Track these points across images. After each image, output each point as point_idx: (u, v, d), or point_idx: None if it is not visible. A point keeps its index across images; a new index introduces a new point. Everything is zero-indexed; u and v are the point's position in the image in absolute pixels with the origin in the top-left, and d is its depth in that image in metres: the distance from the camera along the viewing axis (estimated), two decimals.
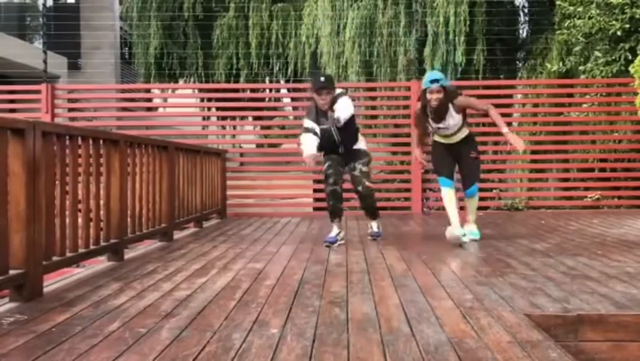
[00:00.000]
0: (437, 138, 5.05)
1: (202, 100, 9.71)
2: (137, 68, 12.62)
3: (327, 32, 9.78)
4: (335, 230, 4.86)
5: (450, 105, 4.75)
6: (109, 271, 3.64)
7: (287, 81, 11.99)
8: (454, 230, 4.74)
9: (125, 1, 11.93)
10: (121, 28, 15.69)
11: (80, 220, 3.46)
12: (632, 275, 3.36)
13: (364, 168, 4.98)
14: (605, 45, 7.80)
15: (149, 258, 4.14)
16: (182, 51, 11.53)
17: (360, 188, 4.95)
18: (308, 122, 4.87)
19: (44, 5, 8.66)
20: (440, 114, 4.77)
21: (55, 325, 2.39)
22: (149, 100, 11.06)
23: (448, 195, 4.97)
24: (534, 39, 10.45)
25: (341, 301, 2.79)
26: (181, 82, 12.14)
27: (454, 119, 4.82)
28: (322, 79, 4.82)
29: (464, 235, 4.81)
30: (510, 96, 9.14)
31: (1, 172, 2.63)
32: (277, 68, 11.67)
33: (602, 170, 8.09)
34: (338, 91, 4.85)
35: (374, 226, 5.22)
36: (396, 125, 8.58)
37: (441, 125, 4.85)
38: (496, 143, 8.65)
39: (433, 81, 4.70)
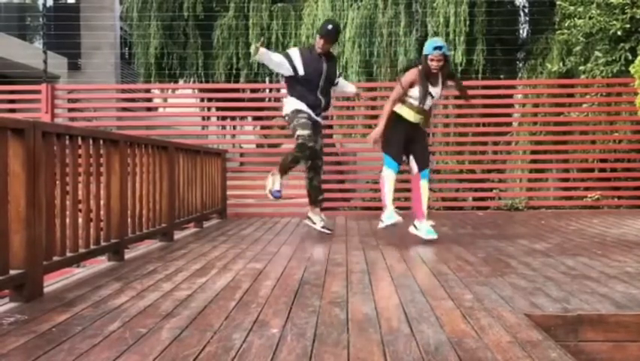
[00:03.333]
0: (403, 112, 4.97)
1: (202, 100, 9.70)
2: (137, 68, 12.61)
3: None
4: (278, 182, 5.13)
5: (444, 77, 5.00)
6: (109, 271, 3.65)
7: None
8: (391, 215, 4.91)
9: (125, 1, 11.91)
10: (121, 28, 15.71)
11: (80, 220, 3.46)
12: (632, 275, 3.36)
13: (322, 145, 5.49)
14: (606, 45, 7.80)
15: (149, 258, 4.15)
16: (182, 51, 11.52)
17: (319, 162, 5.38)
18: (294, 54, 5.16)
19: (44, 5, 8.66)
20: (436, 80, 4.94)
21: (55, 325, 2.39)
22: (149, 100, 11.06)
23: (392, 179, 4.99)
24: (534, 39, 10.45)
25: (341, 301, 2.79)
26: (181, 82, 12.13)
27: (439, 91, 5.05)
28: (333, 28, 5.15)
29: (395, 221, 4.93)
30: (510, 96, 9.13)
31: (1, 172, 2.63)
32: None
33: (602, 170, 8.09)
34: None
35: (322, 218, 5.43)
36: None
37: (432, 91, 4.94)
38: (495, 143, 8.66)
39: (436, 48, 4.76)
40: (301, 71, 5.10)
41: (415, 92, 4.89)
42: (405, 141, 4.99)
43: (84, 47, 15.17)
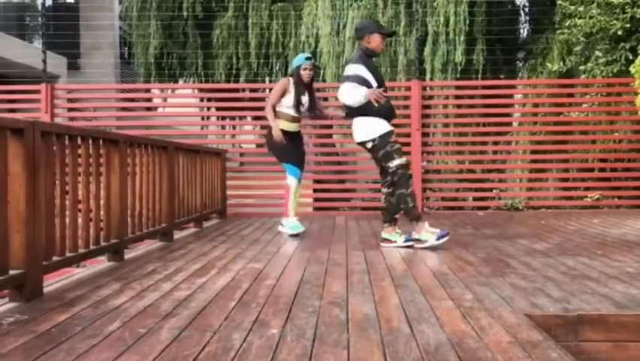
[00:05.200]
0: (283, 126, 5.31)
1: (202, 100, 9.70)
2: (137, 68, 12.61)
3: (327, 32, 9.76)
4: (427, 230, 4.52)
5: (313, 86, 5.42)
6: (109, 271, 3.64)
7: None
8: (297, 225, 5.31)
9: (124, 0, 11.90)
10: (120, 27, 15.69)
11: (79, 220, 3.45)
12: (633, 275, 3.36)
13: None
14: (606, 45, 7.79)
15: (149, 258, 4.14)
16: (182, 51, 11.50)
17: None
18: (359, 68, 4.50)
19: (43, 5, 8.65)
20: (308, 88, 5.33)
21: (55, 325, 2.38)
22: (149, 100, 11.05)
23: (297, 187, 5.39)
24: (534, 39, 10.44)
25: (341, 301, 2.79)
26: (181, 82, 12.12)
27: (309, 101, 5.36)
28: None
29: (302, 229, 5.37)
30: (510, 96, 9.13)
31: (0, 172, 2.62)
32: (277, 68, 11.65)
33: (602, 170, 8.09)
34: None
35: (399, 232, 4.66)
36: (396, 125, 8.57)
37: (303, 100, 5.30)
38: (495, 143, 8.65)
39: (307, 58, 5.35)
40: (374, 83, 4.51)
41: (289, 100, 5.29)
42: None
43: (83, 46, 15.16)
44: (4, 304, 2.72)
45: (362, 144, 4.67)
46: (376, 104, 4.39)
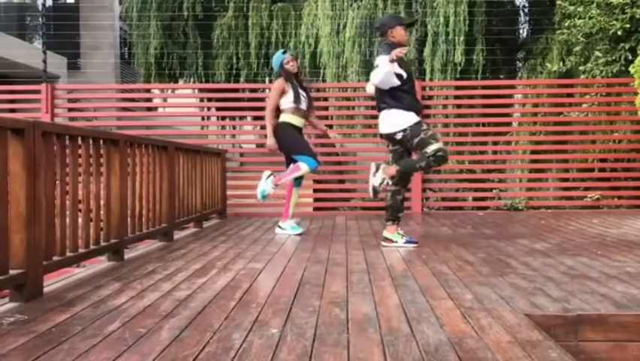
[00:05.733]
0: (292, 121, 5.36)
1: (202, 100, 9.70)
2: (137, 68, 12.61)
3: (327, 32, 9.76)
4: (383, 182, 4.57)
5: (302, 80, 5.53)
6: (109, 271, 3.64)
7: None
8: (294, 225, 5.47)
9: (124, 1, 11.90)
10: (120, 28, 15.69)
11: (80, 220, 3.45)
12: (632, 275, 3.36)
13: None
14: (606, 45, 7.80)
15: (149, 258, 4.14)
16: (182, 51, 11.50)
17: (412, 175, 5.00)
18: (395, 67, 4.36)
19: (44, 5, 8.65)
20: (300, 80, 5.43)
21: (55, 325, 2.39)
22: (149, 100, 11.06)
23: (310, 171, 5.38)
24: (534, 39, 10.44)
25: (341, 301, 2.79)
26: (181, 82, 12.12)
27: (305, 94, 5.43)
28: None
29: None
30: (510, 96, 9.14)
31: (1, 172, 2.63)
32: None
33: (602, 170, 8.10)
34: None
35: (401, 233, 4.72)
36: None
37: (302, 92, 5.37)
38: (495, 143, 8.66)
39: (284, 52, 5.42)
40: (405, 74, 4.49)
41: (290, 97, 5.33)
42: None
43: (84, 46, 15.16)
44: (4, 304, 2.72)
45: (390, 135, 4.56)
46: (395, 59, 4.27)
